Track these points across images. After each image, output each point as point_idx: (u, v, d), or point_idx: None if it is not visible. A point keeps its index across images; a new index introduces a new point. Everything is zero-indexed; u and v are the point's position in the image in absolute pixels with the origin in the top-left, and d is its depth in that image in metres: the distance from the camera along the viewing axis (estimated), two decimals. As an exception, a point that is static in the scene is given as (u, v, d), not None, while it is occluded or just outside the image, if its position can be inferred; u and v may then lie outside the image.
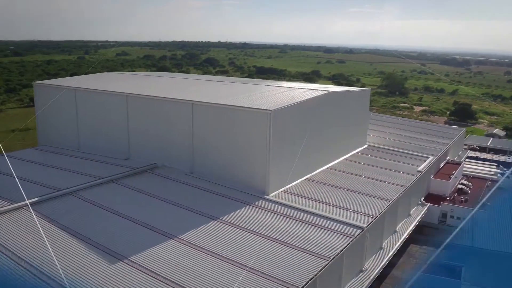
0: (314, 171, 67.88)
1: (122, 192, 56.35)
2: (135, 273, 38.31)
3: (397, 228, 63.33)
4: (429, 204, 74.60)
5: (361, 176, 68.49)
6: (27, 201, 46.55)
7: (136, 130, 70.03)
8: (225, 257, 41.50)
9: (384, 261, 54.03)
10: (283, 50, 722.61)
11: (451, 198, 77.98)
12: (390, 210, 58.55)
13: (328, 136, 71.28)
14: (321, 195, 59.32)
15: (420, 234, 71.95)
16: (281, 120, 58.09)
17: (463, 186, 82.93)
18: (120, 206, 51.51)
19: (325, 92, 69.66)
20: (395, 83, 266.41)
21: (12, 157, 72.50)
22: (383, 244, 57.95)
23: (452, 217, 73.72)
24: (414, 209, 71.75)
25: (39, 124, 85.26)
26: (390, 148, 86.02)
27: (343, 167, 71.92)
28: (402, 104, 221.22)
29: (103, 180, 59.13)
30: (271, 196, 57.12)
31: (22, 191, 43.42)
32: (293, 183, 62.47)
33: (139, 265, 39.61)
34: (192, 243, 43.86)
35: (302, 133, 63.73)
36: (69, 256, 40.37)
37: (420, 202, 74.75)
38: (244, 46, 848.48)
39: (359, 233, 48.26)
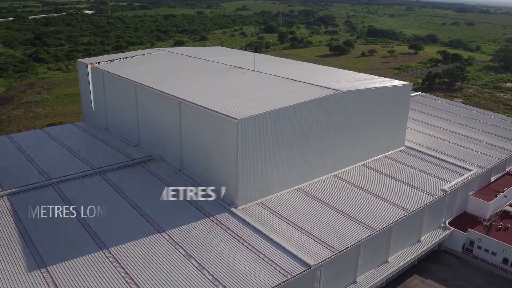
0: (313, 179, 61.92)
1: (97, 188, 57.63)
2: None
3: (389, 259, 55.66)
4: (453, 229, 63.97)
5: (365, 190, 60.76)
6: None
7: (143, 119, 70.40)
8: (131, 278, 40.47)
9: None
10: (411, 7, 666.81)
11: (488, 223, 65.77)
12: (375, 239, 51.45)
13: (338, 140, 63.98)
14: (296, 213, 53.90)
15: (435, 262, 62.59)
16: (256, 128, 53.14)
17: (511, 209, 69.23)
18: (82, 205, 52.62)
19: (333, 92, 61.82)
20: (509, 57, 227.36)
21: (45, 132, 78.98)
22: (358, 278, 51.55)
23: (479, 247, 62.50)
24: (430, 233, 62.18)
25: (82, 100, 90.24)
26: (431, 152, 74.09)
27: (352, 177, 64.36)
28: (508, 84, 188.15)
29: (91, 171, 61.20)
30: (240, 208, 53.62)
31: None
32: (278, 193, 57.81)
33: (53, 280, 40.57)
34: (115, 258, 43.54)
35: (294, 139, 58.09)
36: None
37: (443, 225, 64.46)
38: (369, 1, 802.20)
39: (299, 273, 43.14)
